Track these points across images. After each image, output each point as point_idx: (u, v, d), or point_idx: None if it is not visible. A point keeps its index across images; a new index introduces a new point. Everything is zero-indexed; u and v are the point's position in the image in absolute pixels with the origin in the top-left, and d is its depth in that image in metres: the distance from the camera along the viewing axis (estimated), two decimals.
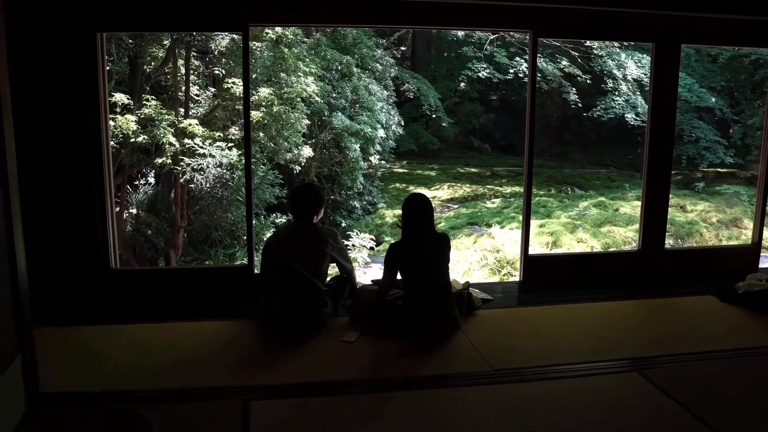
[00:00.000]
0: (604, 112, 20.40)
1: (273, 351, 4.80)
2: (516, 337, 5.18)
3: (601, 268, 6.98)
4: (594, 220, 15.43)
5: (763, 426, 3.93)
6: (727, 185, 20.15)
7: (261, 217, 12.00)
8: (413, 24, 6.84)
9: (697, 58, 22.97)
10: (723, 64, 23.03)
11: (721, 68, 23.11)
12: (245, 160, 6.10)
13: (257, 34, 11.16)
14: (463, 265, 11.45)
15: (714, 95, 21.94)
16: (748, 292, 6.04)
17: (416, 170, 21.85)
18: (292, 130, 11.47)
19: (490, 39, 20.71)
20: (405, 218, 5.15)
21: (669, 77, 6.67)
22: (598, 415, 3.96)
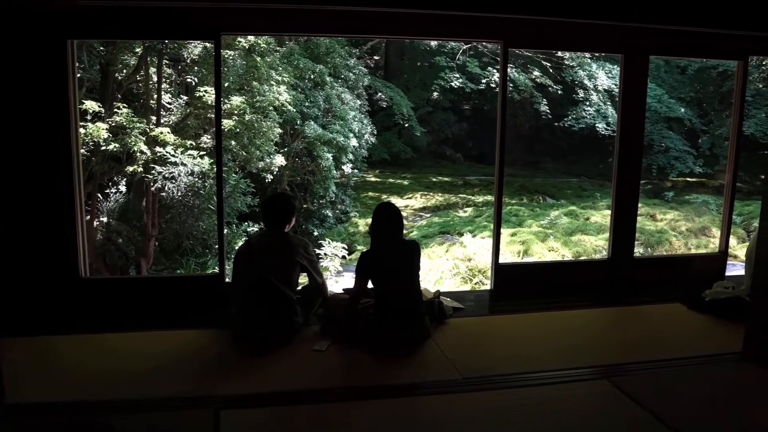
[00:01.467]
0: (575, 121, 20.60)
1: (244, 360, 4.79)
2: (486, 345, 5.22)
3: (571, 277, 7.04)
4: (565, 228, 15.54)
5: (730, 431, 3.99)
6: (696, 194, 20.40)
7: (233, 225, 11.95)
8: (386, 34, 6.87)
9: (667, 69, 23.29)
10: (692, 75, 23.38)
11: (689, 79, 23.46)
12: (217, 169, 6.08)
13: (230, 43, 11.13)
14: (435, 274, 11.48)
15: (683, 106, 22.25)
16: (714, 299, 6.13)
17: (389, 179, 21.90)
18: (265, 138, 11.45)
19: (463, 49, 20.85)
20: (374, 227, 5.17)
21: (638, 88, 6.76)
22: (567, 422, 3.99)
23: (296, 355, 4.87)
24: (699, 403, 4.32)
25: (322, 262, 11.48)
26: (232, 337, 5.13)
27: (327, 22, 5.92)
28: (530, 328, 5.64)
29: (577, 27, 5.99)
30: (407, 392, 4.35)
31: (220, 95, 6.06)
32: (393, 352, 4.91)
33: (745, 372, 4.88)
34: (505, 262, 7.00)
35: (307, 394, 4.29)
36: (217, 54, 5.94)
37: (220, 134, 6.06)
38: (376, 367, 4.73)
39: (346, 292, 5.48)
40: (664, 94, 21.74)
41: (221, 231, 6.22)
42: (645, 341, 5.40)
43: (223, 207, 6.23)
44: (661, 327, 5.79)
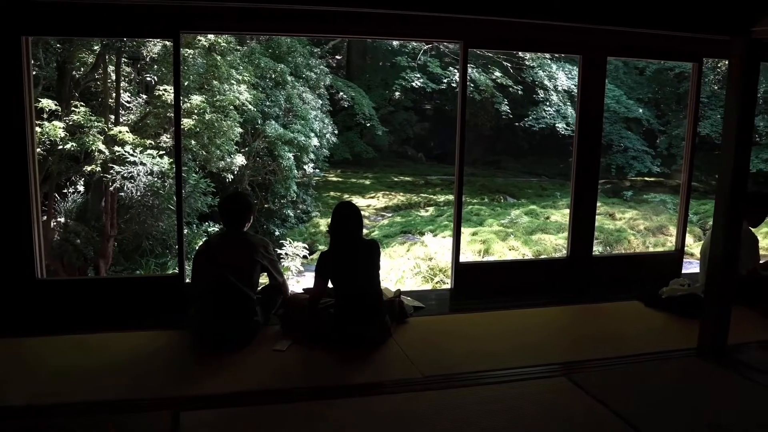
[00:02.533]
0: (535, 121, 20.82)
1: (204, 360, 4.75)
2: (447, 343, 5.23)
3: (531, 275, 7.10)
4: (525, 228, 15.68)
5: (687, 427, 4.05)
6: (654, 193, 20.72)
7: (193, 225, 11.86)
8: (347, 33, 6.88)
9: (626, 70, 23.62)
10: (650, 76, 23.75)
11: (648, 80, 23.83)
12: (176, 168, 6.03)
13: (189, 41, 11.04)
14: (396, 273, 11.50)
15: (641, 106, 22.61)
16: (671, 297, 6.22)
17: (351, 179, 21.90)
18: (225, 138, 11.38)
19: (424, 49, 20.92)
20: (334, 227, 5.17)
21: (596, 88, 6.85)
22: (526, 419, 4.03)
23: (257, 356, 4.85)
24: (656, 398, 4.38)
25: (283, 262, 11.44)
26: (192, 337, 5.08)
27: (288, 21, 5.89)
28: (490, 327, 5.68)
29: (536, 28, 6.05)
30: (368, 392, 4.35)
31: (179, 94, 6.01)
32: (354, 352, 4.91)
33: (701, 367, 4.96)
34: (465, 262, 7.04)
35: (267, 394, 4.27)
36: (176, 52, 5.88)
37: (179, 133, 6.01)
38: (337, 366, 4.73)
39: (307, 292, 5.47)
40: (623, 95, 22.07)
41: (180, 231, 6.16)
42: (603, 338, 5.47)
43: (182, 207, 6.18)
44: (619, 324, 5.87)
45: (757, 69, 4.82)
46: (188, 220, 11.51)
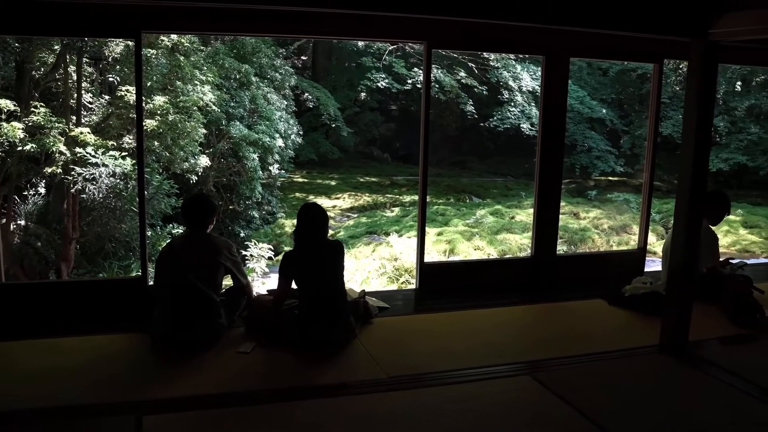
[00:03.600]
0: (500, 122, 20.97)
1: (167, 364, 4.71)
2: (412, 343, 5.24)
3: (496, 275, 7.12)
4: (490, 227, 15.77)
5: (650, 423, 4.10)
6: (618, 193, 20.96)
7: (157, 227, 11.75)
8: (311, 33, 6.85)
9: (589, 71, 23.88)
10: (613, 77, 24.05)
11: (611, 81, 24.12)
12: (138, 170, 5.95)
13: (152, 41, 10.93)
14: (362, 274, 11.50)
15: (605, 107, 22.88)
16: (634, 295, 6.29)
17: (316, 180, 21.86)
18: (189, 139, 11.29)
19: (389, 50, 20.95)
20: (299, 227, 5.16)
21: (559, 88, 6.89)
22: (491, 418, 4.05)
23: (221, 358, 4.81)
24: (619, 395, 4.43)
25: (248, 264, 11.38)
26: (155, 340, 5.03)
27: (252, 21, 5.84)
28: (455, 326, 5.69)
29: (499, 28, 6.07)
30: (333, 393, 4.34)
31: (141, 95, 5.94)
32: (318, 353, 4.90)
33: (663, 364, 5.03)
34: (430, 262, 7.05)
35: (231, 396, 4.24)
36: (138, 53, 5.82)
37: (141, 135, 5.94)
38: (302, 368, 4.71)
39: (271, 294, 5.44)
40: (587, 95, 22.31)
41: (143, 233, 6.09)
42: (567, 337, 5.51)
43: (145, 209, 6.12)
44: (583, 322, 5.92)
45: (715, 70, 4.89)
46: (152, 221, 11.40)
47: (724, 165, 21.40)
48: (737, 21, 4.58)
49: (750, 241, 16.58)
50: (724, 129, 22.06)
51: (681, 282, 5.10)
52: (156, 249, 10.19)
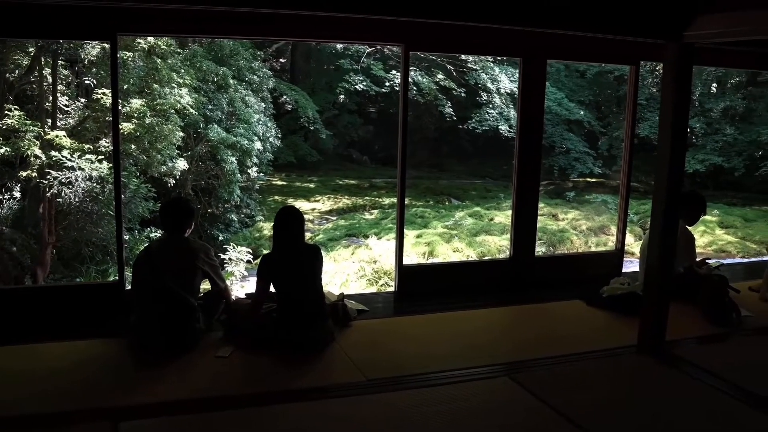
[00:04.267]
0: (478, 124, 21.03)
1: (145, 369, 4.66)
2: (391, 346, 5.23)
3: (475, 277, 7.12)
4: (469, 229, 15.81)
5: (629, 424, 4.12)
6: (596, 194, 21.09)
7: (135, 231, 11.68)
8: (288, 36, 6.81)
9: (567, 73, 24.02)
10: (591, 79, 24.20)
11: (589, 83, 24.27)
12: (115, 173, 5.91)
13: (128, 44, 10.88)
14: (341, 277, 11.49)
15: (583, 109, 23.01)
16: (611, 295, 6.32)
17: (295, 182, 21.82)
18: (166, 142, 11.25)
19: (367, 52, 20.96)
20: (276, 230, 5.14)
21: (537, 90, 6.92)
22: (470, 420, 4.05)
23: (199, 363, 4.77)
24: (599, 396, 4.45)
25: (227, 267, 11.34)
26: (133, 345, 4.98)
27: (230, 23, 5.81)
28: (434, 328, 5.68)
29: (477, 31, 6.08)
30: (312, 396, 4.32)
31: (117, 98, 5.89)
32: (297, 356, 4.87)
33: (641, 364, 5.05)
34: (409, 264, 7.05)
35: (209, 401, 4.21)
36: (114, 55, 5.76)
37: (117, 138, 5.89)
38: (281, 371, 4.69)
39: (249, 297, 5.42)
40: (565, 97, 22.44)
41: (120, 237, 6.04)
42: (546, 338, 5.53)
43: (122, 212, 6.06)
44: (562, 323, 5.94)
45: (689, 72, 4.93)
46: (129, 225, 11.33)
47: (700, 166, 21.60)
48: (710, 23, 4.63)
49: (726, 241, 16.74)
50: (700, 130, 22.27)
51: (658, 282, 5.13)
52: (134, 253, 10.13)
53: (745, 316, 6.06)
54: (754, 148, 21.52)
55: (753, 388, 4.60)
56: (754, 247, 16.08)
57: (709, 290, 6.08)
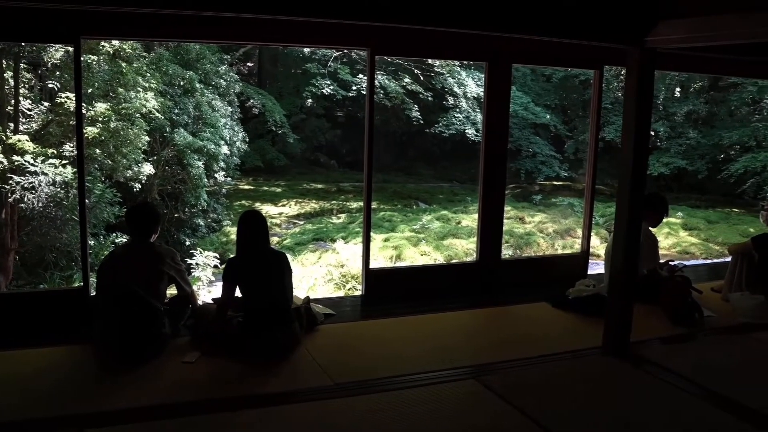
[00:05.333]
0: (445, 128, 21.13)
1: (110, 375, 4.62)
2: (358, 350, 5.24)
3: (442, 280, 7.14)
4: (437, 233, 15.85)
5: (595, 425, 4.16)
6: (562, 197, 21.24)
7: (100, 237, 11.54)
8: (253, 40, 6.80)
9: (533, 77, 24.21)
10: (556, 83, 24.42)
11: (555, 87, 24.49)
12: (79, 178, 5.83)
13: (93, 47, 10.77)
14: (308, 281, 11.47)
15: (549, 113, 23.20)
16: (577, 297, 6.40)
17: (262, 187, 21.72)
18: (132, 146, 11.15)
19: (334, 56, 20.95)
20: (240, 234, 5.13)
21: (502, 94, 6.98)
22: (437, 422, 4.08)
23: (165, 368, 4.75)
24: (565, 397, 4.49)
25: (193, 272, 11.26)
26: (97, 351, 4.94)
27: (196, 27, 5.77)
28: (402, 332, 5.70)
29: (443, 35, 6.10)
30: (279, 401, 4.31)
31: (81, 101, 5.83)
32: (264, 361, 4.87)
33: (606, 365, 5.11)
34: (376, 268, 7.06)
35: (176, 407, 4.18)
36: (77, 58, 5.70)
37: (81, 142, 5.83)
38: (247, 376, 4.67)
39: (215, 302, 5.39)
40: (531, 101, 22.61)
41: (84, 243, 5.97)
42: (513, 340, 5.57)
43: (86, 218, 5.99)
44: (528, 326, 5.99)
45: (651, 76, 5.00)
46: (95, 231, 11.21)
47: (665, 169, 21.86)
48: (671, 29, 4.70)
49: (689, 242, 16.98)
50: (665, 134, 22.55)
51: (622, 284, 5.19)
52: (99, 259, 10.00)
53: (708, 316, 6.17)
54: (717, 151, 21.85)
55: (716, 388, 4.69)
56: (717, 249, 16.32)
57: (672, 291, 6.17)
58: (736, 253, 6.79)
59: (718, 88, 23.31)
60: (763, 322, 6.07)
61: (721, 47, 5.98)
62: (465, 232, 15.89)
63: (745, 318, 6.17)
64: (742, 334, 5.88)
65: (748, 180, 20.06)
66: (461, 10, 4.68)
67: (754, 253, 6.61)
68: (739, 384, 4.80)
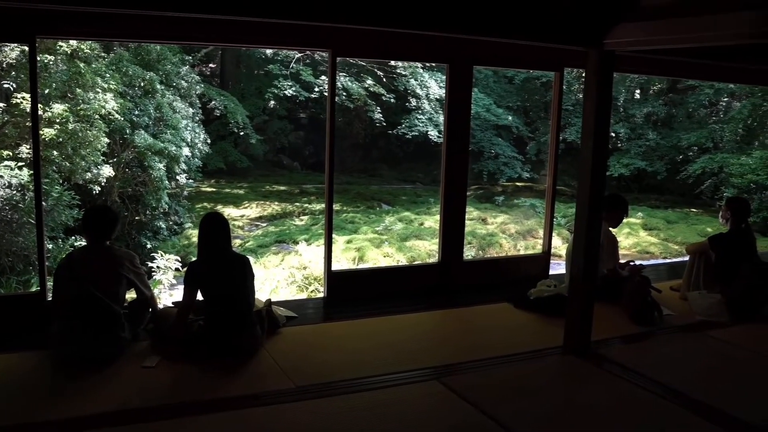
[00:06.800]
0: (408, 129, 21.18)
1: (68, 381, 4.54)
2: (320, 352, 5.22)
3: (404, 281, 7.16)
4: (399, 234, 15.86)
5: (556, 424, 4.19)
6: (524, 198, 21.38)
7: (59, 240, 11.36)
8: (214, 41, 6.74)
9: (495, 79, 24.36)
10: (518, 85, 24.62)
11: (517, 89, 24.69)
12: (35, 181, 5.73)
13: (50, 47, 10.61)
14: (271, 283, 11.39)
15: (511, 114, 23.36)
16: (539, 297, 6.45)
17: (225, 189, 21.56)
18: (90, 148, 11.00)
19: (297, 57, 20.89)
20: (201, 237, 5.09)
21: (463, 96, 7.01)
22: (399, 424, 4.07)
23: (125, 373, 4.68)
24: (526, 396, 4.52)
25: (155, 276, 11.11)
26: (55, 357, 4.85)
27: (156, 28, 5.70)
28: (364, 334, 5.70)
29: (404, 37, 6.12)
30: (240, 405, 4.28)
31: (36, 102, 5.72)
32: (225, 365, 4.83)
33: (567, 364, 5.16)
34: (338, 270, 7.05)
35: (136, 413, 4.13)
36: (33, 58, 5.59)
37: (37, 144, 5.72)
38: (209, 380, 4.63)
39: (176, 306, 5.34)
40: (493, 103, 22.74)
41: (41, 246, 5.86)
42: (475, 341, 5.60)
43: (43, 221, 5.89)
44: (490, 326, 6.02)
45: (610, 78, 5.06)
46: (53, 234, 11.03)
47: (625, 170, 22.15)
48: (629, 32, 4.76)
49: (649, 242, 17.19)
50: (625, 135, 22.87)
51: (582, 284, 5.23)
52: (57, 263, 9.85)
53: (667, 315, 6.27)
54: (675, 152, 22.21)
55: (674, 384, 4.75)
56: (676, 248, 16.54)
57: (632, 291, 6.24)
58: (694, 253, 6.89)
59: (677, 91, 23.72)
60: (720, 320, 6.18)
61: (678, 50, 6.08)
62: (428, 233, 15.91)
63: (702, 316, 6.26)
64: (700, 331, 5.99)
65: (705, 180, 20.41)
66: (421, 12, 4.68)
67: (711, 253, 6.71)
68: (696, 380, 4.89)
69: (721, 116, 22.92)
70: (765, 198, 17.58)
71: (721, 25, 4.14)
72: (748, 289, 6.37)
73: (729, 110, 22.83)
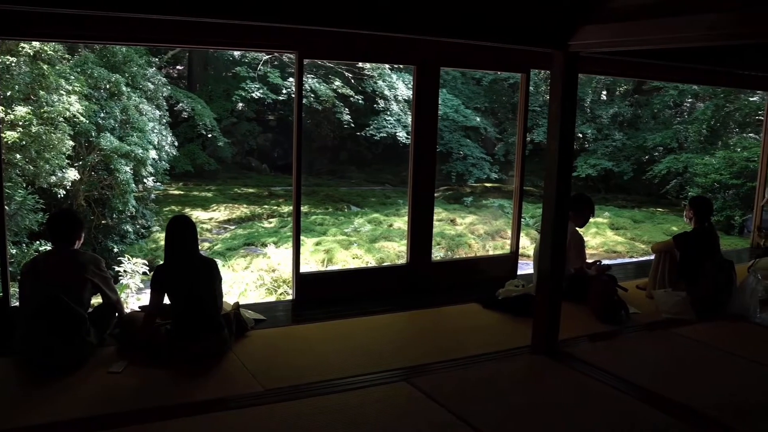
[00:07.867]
0: (376, 131, 21.22)
1: (32, 388, 4.47)
2: (288, 355, 5.20)
3: (373, 283, 7.16)
4: (368, 236, 15.86)
5: (524, 422, 4.21)
6: (493, 199, 21.50)
7: (23, 245, 11.20)
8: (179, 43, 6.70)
9: (463, 80, 24.46)
10: (486, 86, 24.78)
11: (484, 90, 24.83)
12: None
13: (12, 48, 10.46)
14: (240, 286, 11.33)
15: (479, 115, 23.47)
16: (507, 297, 6.49)
17: (193, 192, 21.40)
18: (55, 151, 10.86)
19: (264, 59, 20.81)
20: (168, 240, 5.06)
21: (430, 97, 7.03)
22: (368, 426, 4.07)
23: (91, 379, 4.62)
24: (494, 396, 4.55)
25: (121, 280, 11.00)
26: (18, 363, 4.77)
27: (121, 29, 5.63)
28: (333, 336, 5.69)
29: (371, 39, 6.13)
30: (208, 408, 4.25)
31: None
32: (193, 369, 4.79)
33: (535, 364, 5.20)
34: (306, 272, 7.03)
35: (102, 419, 4.08)
36: None
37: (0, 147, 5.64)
38: (176, 385, 4.60)
39: (143, 310, 5.29)
40: (461, 104, 22.83)
41: (4, 251, 5.77)
42: (444, 342, 5.61)
43: (4, 225, 5.80)
44: (459, 327, 6.04)
45: (575, 79, 5.10)
46: (17, 239, 10.87)
47: (592, 170, 22.38)
48: (594, 34, 4.80)
49: (616, 242, 17.37)
50: (592, 136, 23.10)
51: (550, 283, 5.27)
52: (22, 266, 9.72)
53: (633, 313, 6.34)
54: (641, 152, 22.50)
55: (641, 382, 4.81)
56: (642, 247, 16.73)
57: (598, 290, 6.30)
58: (659, 252, 6.98)
59: (642, 92, 24.01)
60: (685, 317, 6.26)
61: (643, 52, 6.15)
62: (397, 234, 15.93)
63: (668, 314, 6.34)
64: (665, 329, 6.07)
65: (671, 180, 20.69)
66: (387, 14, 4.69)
67: (676, 251, 6.80)
68: (662, 378, 4.95)
69: (686, 117, 23.27)
70: (728, 197, 17.83)
71: (684, 27, 4.20)
72: (712, 286, 6.47)
73: (693, 111, 23.19)
